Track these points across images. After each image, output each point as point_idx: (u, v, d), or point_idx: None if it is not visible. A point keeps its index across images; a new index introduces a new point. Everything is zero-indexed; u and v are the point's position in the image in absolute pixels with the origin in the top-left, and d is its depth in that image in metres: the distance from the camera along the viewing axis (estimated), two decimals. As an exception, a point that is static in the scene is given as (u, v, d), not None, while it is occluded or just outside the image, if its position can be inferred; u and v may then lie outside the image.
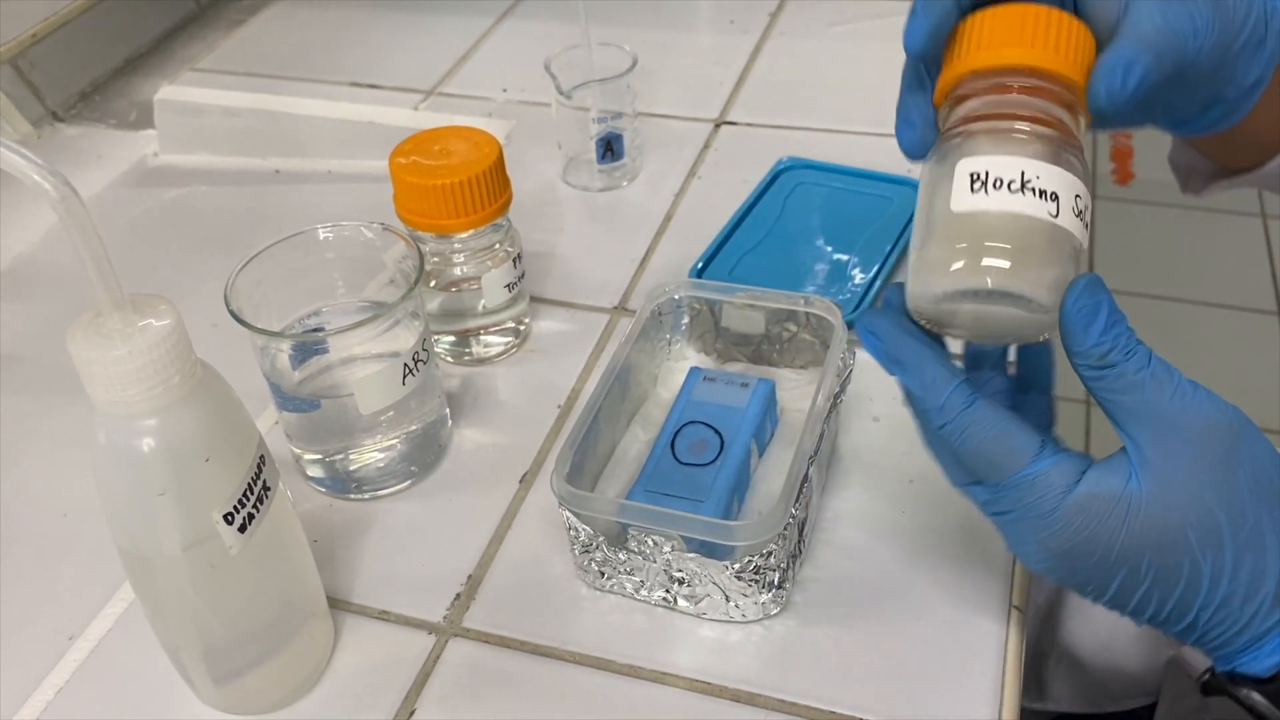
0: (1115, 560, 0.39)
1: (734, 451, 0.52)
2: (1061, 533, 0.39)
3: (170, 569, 0.41)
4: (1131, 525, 0.38)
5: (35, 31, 0.87)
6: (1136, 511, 0.38)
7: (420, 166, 0.57)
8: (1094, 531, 0.39)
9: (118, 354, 0.36)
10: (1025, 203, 0.37)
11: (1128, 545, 0.39)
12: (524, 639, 0.49)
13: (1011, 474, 0.40)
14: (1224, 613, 0.40)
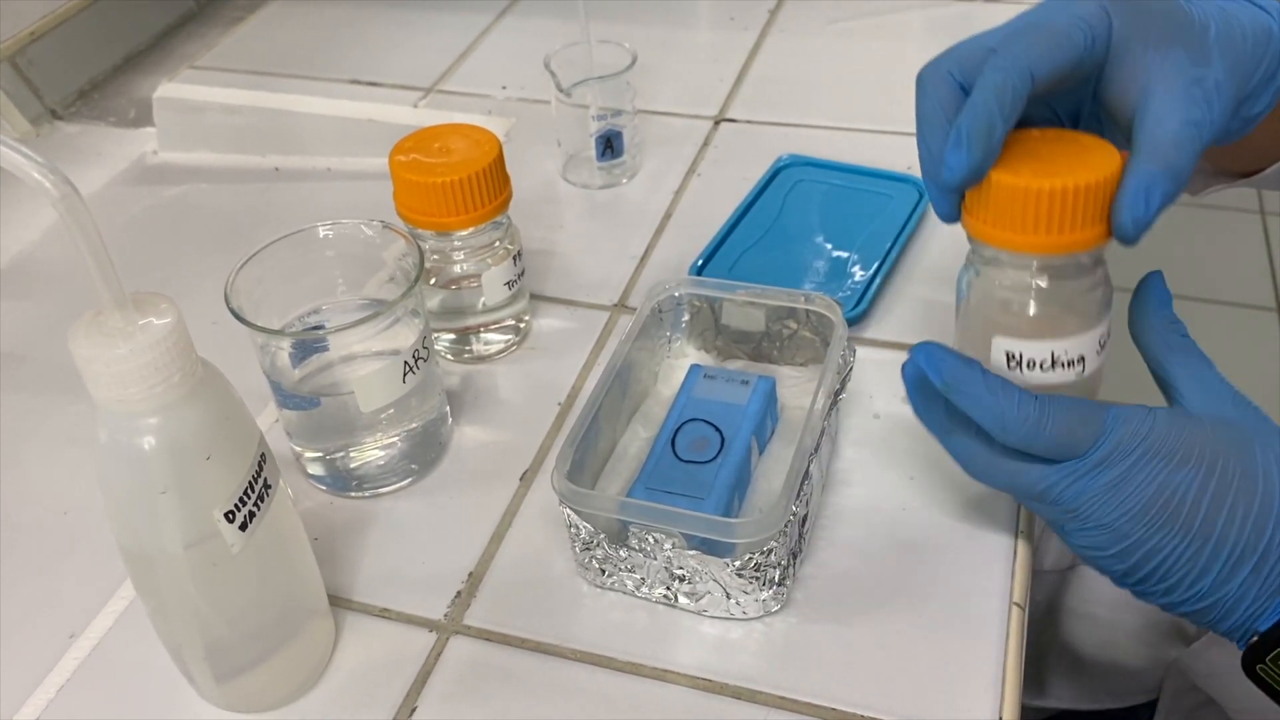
0: (1205, 469, 0.43)
1: (734, 449, 0.52)
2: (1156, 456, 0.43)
3: (172, 567, 0.41)
4: (1208, 433, 0.44)
5: (34, 29, 0.87)
6: (1206, 424, 0.44)
7: (420, 164, 0.57)
8: (1186, 442, 0.43)
9: (119, 352, 0.36)
10: (1055, 375, 0.46)
11: (1212, 453, 0.43)
12: (525, 636, 0.49)
13: (1096, 438, 0.44)
14: None
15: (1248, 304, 1.90)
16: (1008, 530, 0.52)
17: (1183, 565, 0.44)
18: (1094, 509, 0.44)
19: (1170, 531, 0.43)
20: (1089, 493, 0.44)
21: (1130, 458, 0.44)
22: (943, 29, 0.91)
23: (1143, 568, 0.44)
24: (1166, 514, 0.43)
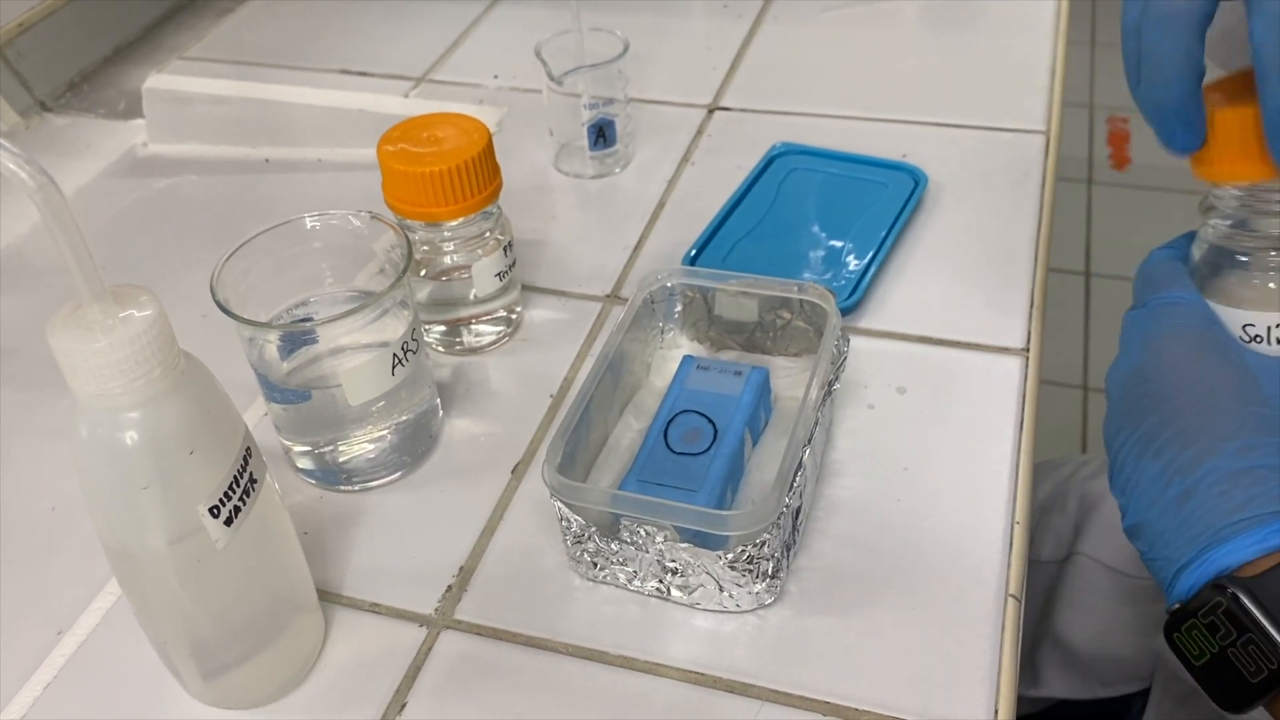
0: (1201, 382, 0.42)
1: (727, 440, 0.51)
2: None
3: (156, 564, 0.40)
4: (1250, 370, 0.42)
5: (22, 21, 0.86)
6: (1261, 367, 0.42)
7: (408, 154, 0.56)
8: (1222, 347, 0.42)
9: (98, 346, 0.36)
10: None
11: (1232, 377, 0.41)
12: (516, 631, 0.49)
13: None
14: None
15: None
16: (1004, 521, 0.52)
17: (1130, 459, 0.43)
18: (1130, 336, 0.45)
19: (1133, 416, 0.43)
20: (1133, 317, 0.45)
21: (1150, 324, 0.44)
22: (937, 17, 0.90)
23: (1109, 449, 0.44)
24: (1137, 393, 0.43)
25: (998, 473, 0.54)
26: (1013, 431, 0.56)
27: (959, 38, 0.88)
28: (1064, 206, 2.03)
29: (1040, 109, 0.78)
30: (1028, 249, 0.67)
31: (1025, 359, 0.60)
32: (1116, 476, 0.44)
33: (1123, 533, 0.45)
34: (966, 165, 0.73)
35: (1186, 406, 0.41)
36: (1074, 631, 0.66)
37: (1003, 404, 0.57)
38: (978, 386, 0.58)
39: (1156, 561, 0.42)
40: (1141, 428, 0.42)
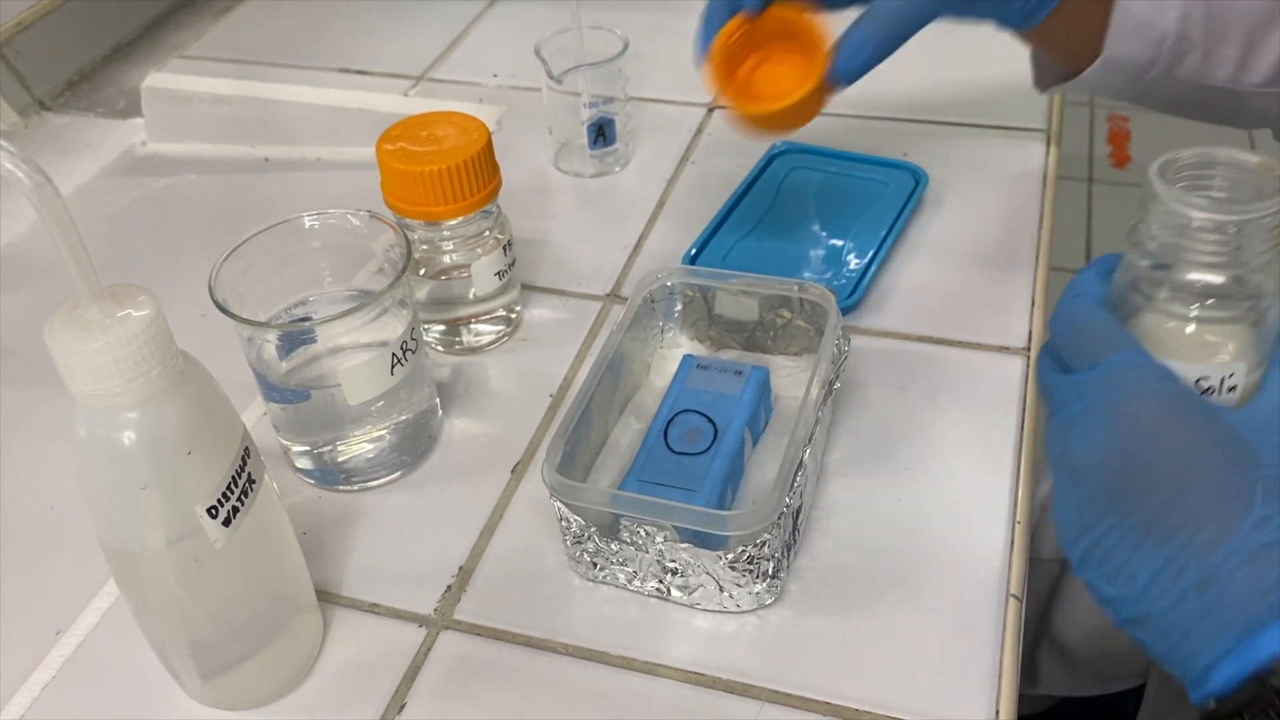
0: (1185, 450, 0.38)
1: (728, 440, 0.51)
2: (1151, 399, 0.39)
3: (154, 564, 0.40)
4: (1218, 422, 0.38)
5: (21, 20, 0.86)
6: (1218, 420, 0.38)
7: (408, 153, 0.56)
8: (1189, 412, 0.38)
9: (96, 346, 0.36)
10: None
11: (1202, 437, 0.38)
12: (516, 631, 0.49)
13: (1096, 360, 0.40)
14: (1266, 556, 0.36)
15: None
16: (1004, 520, 0.51)
17: (1123, 548, 0.38)
18: (1068, 433, 0.40)
19: (1123, 502, 0.38)
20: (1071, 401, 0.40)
21: (1117, 393, 0.39)
22: (939, 14, 0.90)
23: (1086, 537, 0.40)
24: (1125, 476, 0.38)
25: (999, 472, 0.54)
26: (1014, 431, 0.56)
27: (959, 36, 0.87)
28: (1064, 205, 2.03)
29: (1041, 107, 0.77)
30: (1029, 248, 0.66)
31: (1026, 358, 0.59)
32: (1101, 565, 0.39)
33: None
34: (967, 164, 0.73)
35: (1188, 486, 0.37)
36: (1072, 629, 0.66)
37: (1004, 403, 0.57)
38: (979, 386, 0.58)
39: (1175, 654, 0.38)
40: (1137, 515, 0.38)
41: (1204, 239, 0.38)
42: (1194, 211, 0.37)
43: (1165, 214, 0.38)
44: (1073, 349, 0.41)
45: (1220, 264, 0.38)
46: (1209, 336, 0.40)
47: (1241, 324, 0.39)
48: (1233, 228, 0.37)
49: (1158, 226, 0.39)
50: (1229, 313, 0.39)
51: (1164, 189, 0.38)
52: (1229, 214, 0.37)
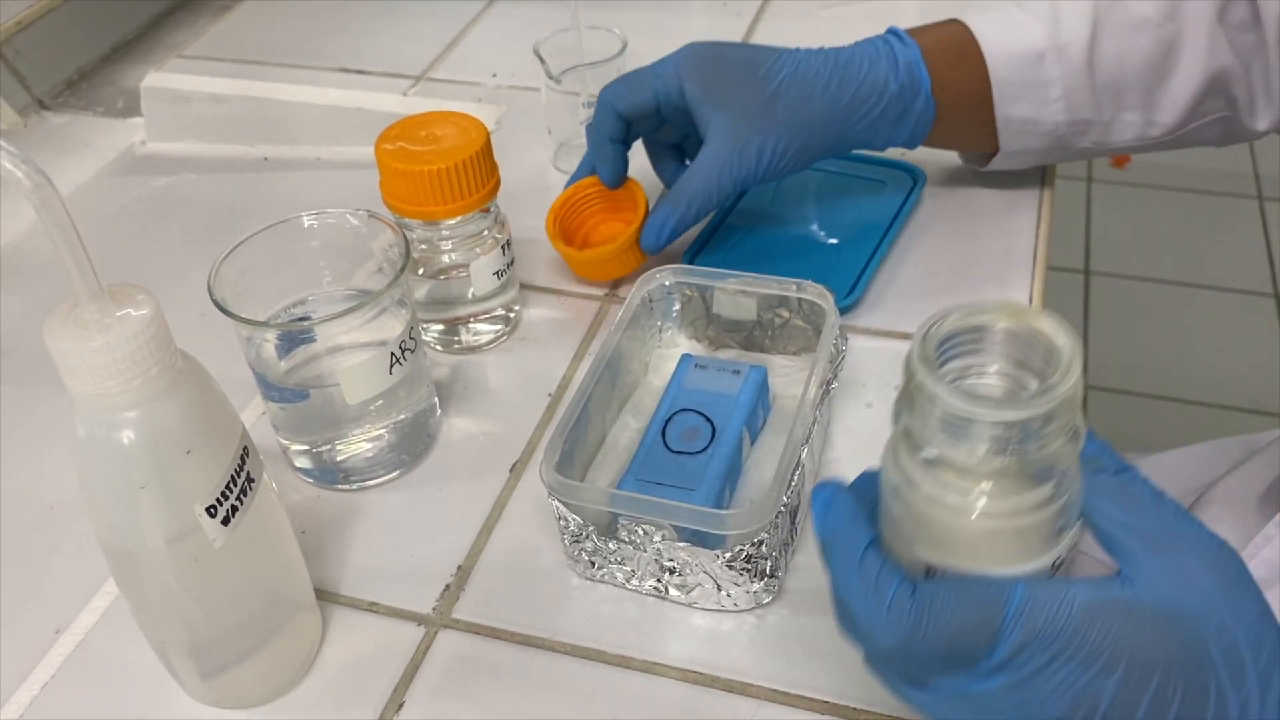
0: (1135, 682, 0.33)
1: (725, 439, 0.51)
2: (1078, 652, 0.33)
3: (153, 563, 0.40)
4: (1146, 632, 0.33)
5: (21, 19, 0.86)
6: (1146, 617, 0.33)
7: (406, 152, 0.56)
8: (1114, 644, 0.33)
9: (95, 345, 0.36)
10: None
11: (1147, 660, 0.33)
12: (514, 630, 0.49)
13: (993, 641, 0.33)
14: None
15: (1246, 290, 1.89)
16: (1002, 520, 0.51)
17: None
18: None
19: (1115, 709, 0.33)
20: (981, 700, 0.34)
21: (1037, 660, 0.33)
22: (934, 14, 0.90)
23: None
24: (1114, 686, 0.33)
25: (996, 471, 0.54)
26: (1011, 430, 0.56)
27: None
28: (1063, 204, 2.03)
29: (1039, 107, 0.77)
30: (1027, 247, 0.66)
31: (1024, 358, 0.59)
32: None
33: None
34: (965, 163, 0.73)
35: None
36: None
37: (1001, 403, 0.57)
38: (976, 385, 0.58)
39: None
40: None
41: (992, 435, 0.32)
42: (979, 411, 0.32)
43: (942, 415, 0.32)
44: (909, 655, 0.35)
45: (1015, 454, 0.32)
46: (1022, 529, 0.34)
47: (1051, 506, 0.34)
48: (1024, 423, 0.32)
49: (933, 429, 0.33)
50: (1036, 500, 0.34)
51: (939, 388, 0.32)
52: (1019, 411, 0.31)
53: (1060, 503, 0.34)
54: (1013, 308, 0.34)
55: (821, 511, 0.37)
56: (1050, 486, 0.34)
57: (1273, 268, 1.93)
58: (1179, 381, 1.74)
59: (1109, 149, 0.66)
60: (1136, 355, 1.79)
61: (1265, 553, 0.53)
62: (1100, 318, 1.85)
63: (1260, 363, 1.75)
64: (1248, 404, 1.69)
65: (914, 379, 0.33)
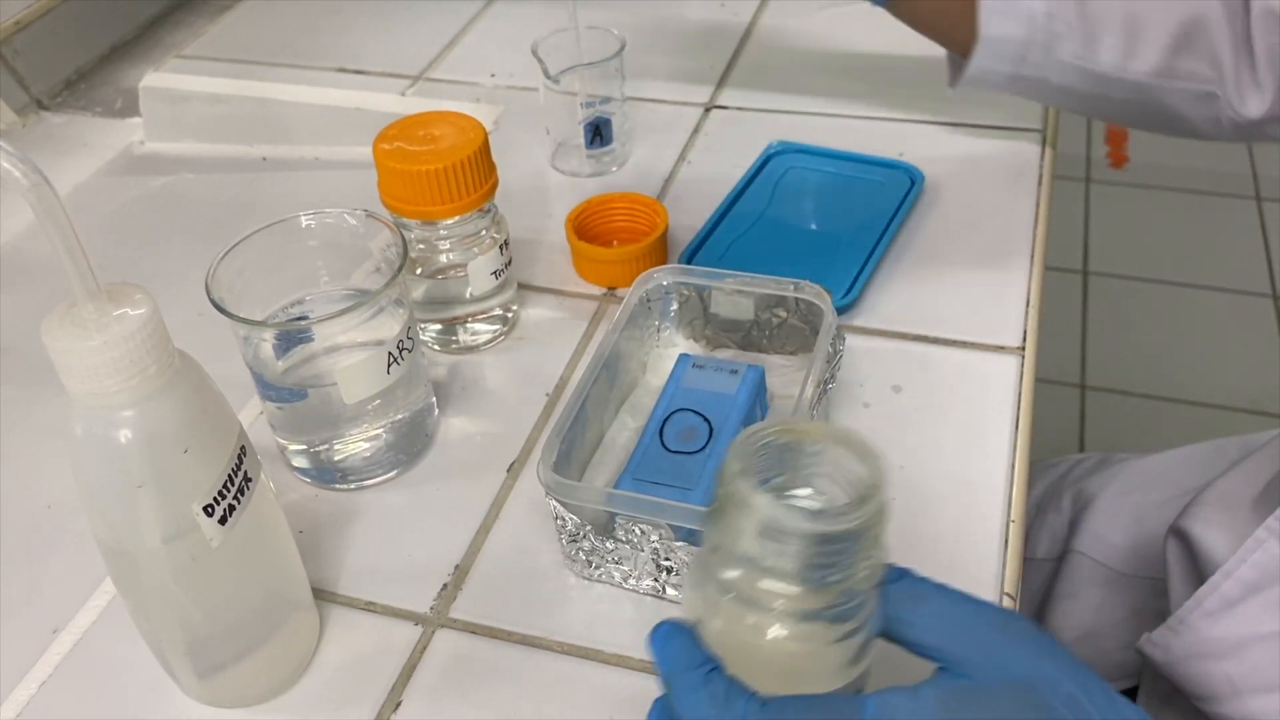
0: None
1: (723, 439, 0.51)
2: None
3: (151, 562, 0.40)
4: (999, 703, 0.34)
5: (19, 19, 0.86)
6: (992, 692, 0.34)
7: (404, 152, 0.56)
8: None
9: (92, 344, 0.36)
10: None
11: None
12: (511, 629, 0.49)
13: None
14: None
15: (1244, 290, 1.89)
16: (999, 519, 0.52)
17: None
18: None
19: None
20: None
21: None
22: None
23: None
24: None
25: (993, 471, 0.54)
26: (1009, 430, 0.56)
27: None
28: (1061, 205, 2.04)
29: (1037, 106, 0.78)
30: (1025, 247, 0.67)
31: (1021, 357, 0.60)
32: None
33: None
34: (963, 163, 0.73)
35: None
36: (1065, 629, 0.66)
37: (999, 402, 0.57)
38: (974, 385, 0.58)
39: None
40: None
41: (808, 551, 0.33)
42: (799, 525, 0.32)
43: (759, 527, 0.33)
44: None
45: (821, 572, 0.33)
46: (826, 649, 0.35)
47: (853, 621, 0.35)
48: (838, 539, 0.32)
49: (747, 541, 0.33)
50: (840, 619, 0.35)
51: (757, 499, 0.32)
52: (829, 525, 0.32)
53: (862, 617, 0.35)
54: (827, 430, 0.35)
55: (661, 645, 0.36)
56: (854, 604, 0.35)
57: (1270, 268, 1.93)
58: (1177, 382, 1.74)
59: (1090, 73, 0.63)
60: (1134, 355, 1.79)
61: (1256, 556, 0.53)
62: (1098, 318, 1.85)
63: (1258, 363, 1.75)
64: (1245, 404, 1.69)
65: (727, 488, 0.33)
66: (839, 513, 0.32)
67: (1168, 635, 0.56)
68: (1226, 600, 0.54)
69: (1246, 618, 0.53)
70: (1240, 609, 0.53)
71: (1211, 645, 0.54)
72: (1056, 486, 0.75)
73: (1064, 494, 0.73)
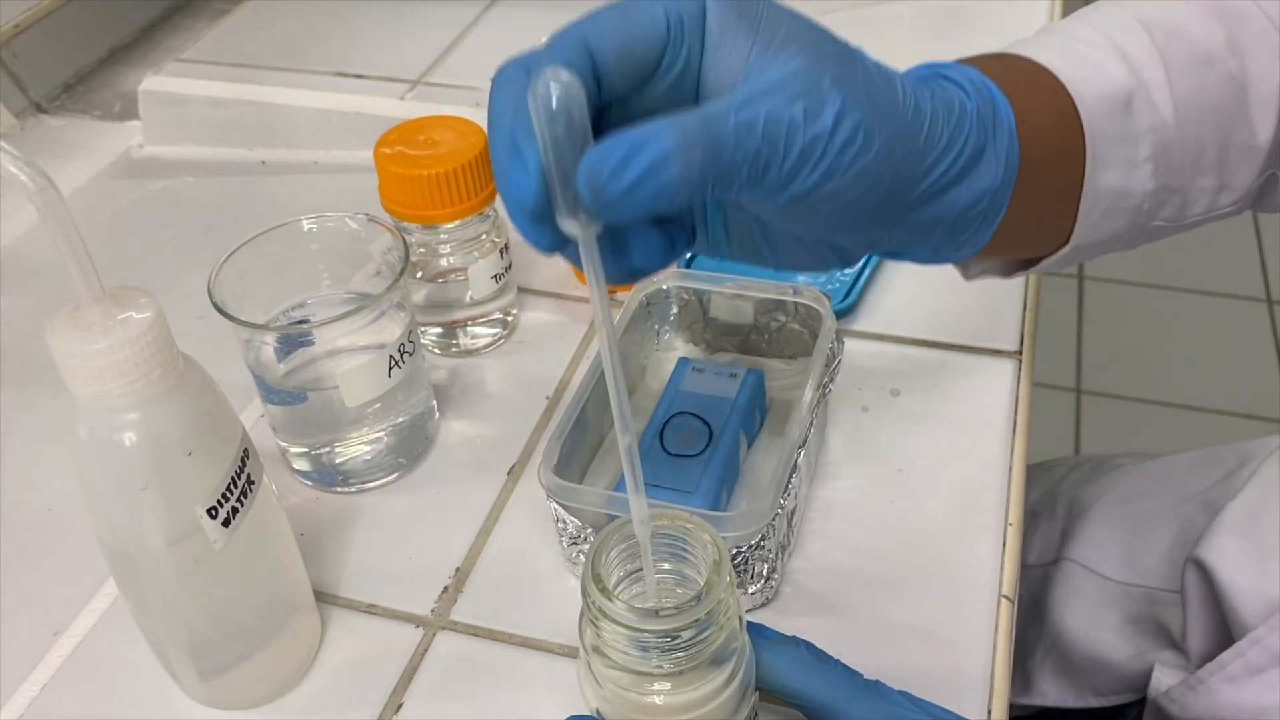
0: None
1: (723, 442, 0.52)
2: None
3: (154, 564, 0.41)
4: None
5: (18, 22, 0.86)
6: None
7: (405, 156, 0.57)
8: None
9: (97, 348, 0.36)
10: None
11: None
12: (512, 632, 0.49)
13: None
14: None
15: (1239, 295, 1.90)
16: (996, 522, 0.52)
17: None
18: None
19: None
20: None
21: None
22: (933, 20, 0.91)
23: None
24: None
25: (991, 475, 0.54)
26: (1006, 434, 0.56)
27: (953, 44, 0.88)
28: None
29: (1034, 113, 0.78)
30: (1021, 252, 0.67)
31: (1018, 361, 0.60)
32: None
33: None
34: (960, 169, 0.74)
35: None
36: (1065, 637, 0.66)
37: (996, 406, 0.57)
38: (971, 389, 0.59)
39: None
40: None
41: (660, 643, 0.35)
42: (644, 624, 0.35)
43: (617, 629, 0.35)
44: None
45: (685, 652, 0.36)
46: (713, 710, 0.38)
47: (731, 683, 0.38)
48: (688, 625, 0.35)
49: (620, 642, 0.36)
50: (718, 683, 0.37)
51: (608, 606, 0.35)
52: (677, 620, 0.35)
53: (739, 677, 0.38)
54: (660, 513, 0.38)
55: None
56: (728, 667, 0.37)
57: (1265, 274, 1.94)
58: (1172, 387, 1.75)
59: (1175, 229, 0.50)
60: (1130, 360, 1.80)
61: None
62: (1094, 323, 1.86)
63: (1253, 368, 1.76)
64: (1241, 409, 1.69)
65: (586, 598, 0.36)
66: (681, 609, 0.35)
67: (1186, 693, 0.55)
68: (1251, 668, 0.53)
69: (1270, 687, 0.53)
70: (1264, 677, 0.53)
71: (1231, 710, 0.53)
72: (1051, 493, 0.75)
73: (1059, 501, 0.73)
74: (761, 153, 0.33)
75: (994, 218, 0.41)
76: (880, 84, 0.37)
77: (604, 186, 0.31)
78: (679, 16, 0.35)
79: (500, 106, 0.34)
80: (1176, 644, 0.62)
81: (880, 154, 0.35)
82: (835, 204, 0.35)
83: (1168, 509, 0.67)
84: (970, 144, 0.39)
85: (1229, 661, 0.54)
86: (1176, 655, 0.61)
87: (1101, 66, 0.45)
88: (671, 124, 0.32)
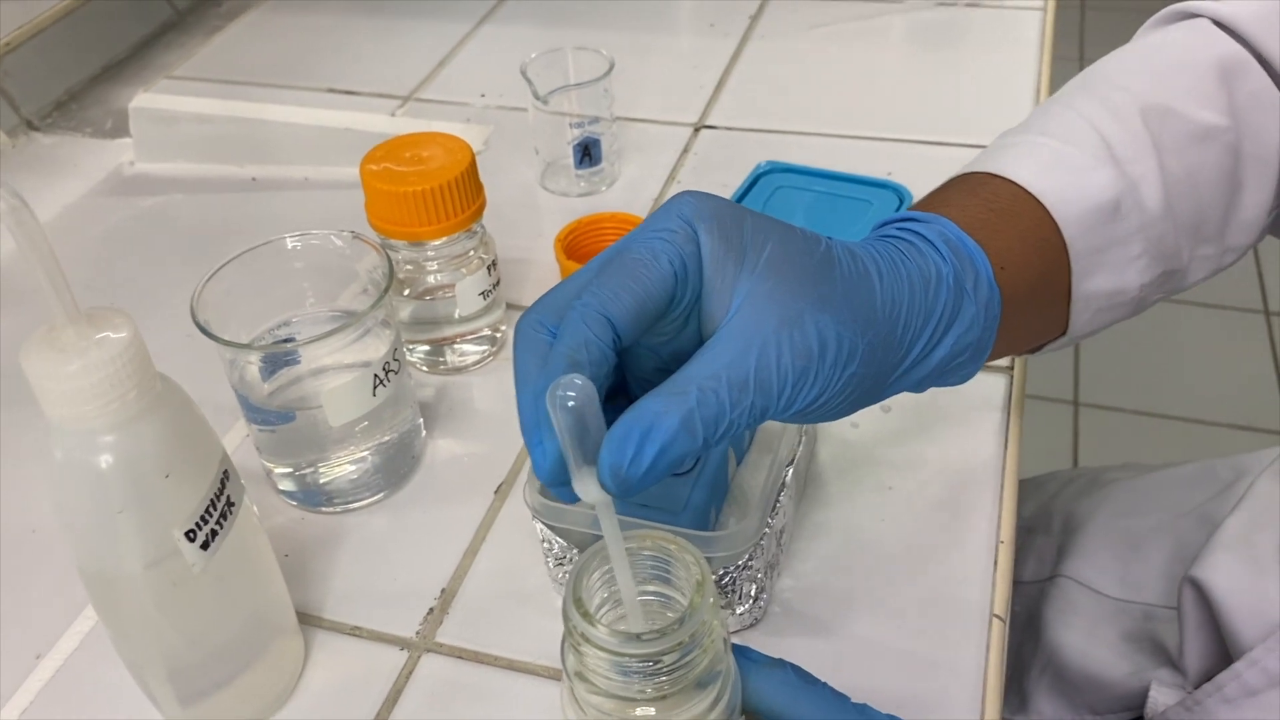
0: None
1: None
2: None
3: (132, 588, 0.40)
4: None
5: (9, 40, 0.86)
6: None
7: (392, 173, 0.56)
8: None
9: (72, 369, 0.35)
10: None
11: None
12: (498, 654, 0.49)
13: None
14: None
15: (1236, 307, 1.90)
16: (988, 540, 0.51)
17: None
18: None
19: None
20: None
21: None
22: (924, 33, 0.91)
23: None
24: None
25: (982, 491, 0.54)
26: (997, 449, 0.56)
27: (945, 55, 0.88)
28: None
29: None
30: (1013, 267, 0.66)
31: (1010, 377, 0.59)
32: None
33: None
34: (952, 183, 0.73)
35: None
36: (1060, 655, 0.66)
37: (987, 422, 0.57)
38: (962, 404, 0.58)
39: None
40: None
41: (642, 667, 0.34)
42: (629, 649, 0.34)
43: (599, 654, 0.35)
44: None
45: (670, 675, 0.35)
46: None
47: (716, 706, 0.37)
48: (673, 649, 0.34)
49: (604, 668, 0.35)
50: (704, 706, 0.36)
51: (591, 631, 0.34)
52: (663, 642, 0.34)
53: (724, 701, 0.37)
54: (643, 535, 0.37)
55: None
56: (713, 690, 0.36)
57: (1262, 285, 1.93)
58: (1169, 398, 1.74)
59: (1175, 293, 0.52)
60: (1127, 372, 1.79)
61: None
62: (1092, 335, 1.85)
63: (1250, 380, 1.76)
64: (1238, 421, 1.69)
65: (568, 623, 0.35)
66: (663, 633, 0.34)
67: (1182, 714, 0.55)
68: (1248, 689, 0.53)
69: (1266, 708, 0.52)
70: (1261, 699, 0.52)
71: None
72: (1046, 508, 0.74)
73: (1053, 516, 0.73)
74: (756, 403, 0.36)
75: (980, 357, 0.43)
76: (858, 286, 0.39)
77: (625, 475, 0.34)
78: (682, 262, 0.37)
79: (524, 367, 0.37)
80: (1173, 661, 0.61)
81: (864, 358, 0.38)
82: (828, 408, 0.39)
83: (1163, 524, 0.67)
84: (948, 311, 0.41)
85: (1226, 683, 0.53)
86: (1173, 673, 0.60)
87: (1085, 174, 0.46)
88: (671, 400, 0.35)
